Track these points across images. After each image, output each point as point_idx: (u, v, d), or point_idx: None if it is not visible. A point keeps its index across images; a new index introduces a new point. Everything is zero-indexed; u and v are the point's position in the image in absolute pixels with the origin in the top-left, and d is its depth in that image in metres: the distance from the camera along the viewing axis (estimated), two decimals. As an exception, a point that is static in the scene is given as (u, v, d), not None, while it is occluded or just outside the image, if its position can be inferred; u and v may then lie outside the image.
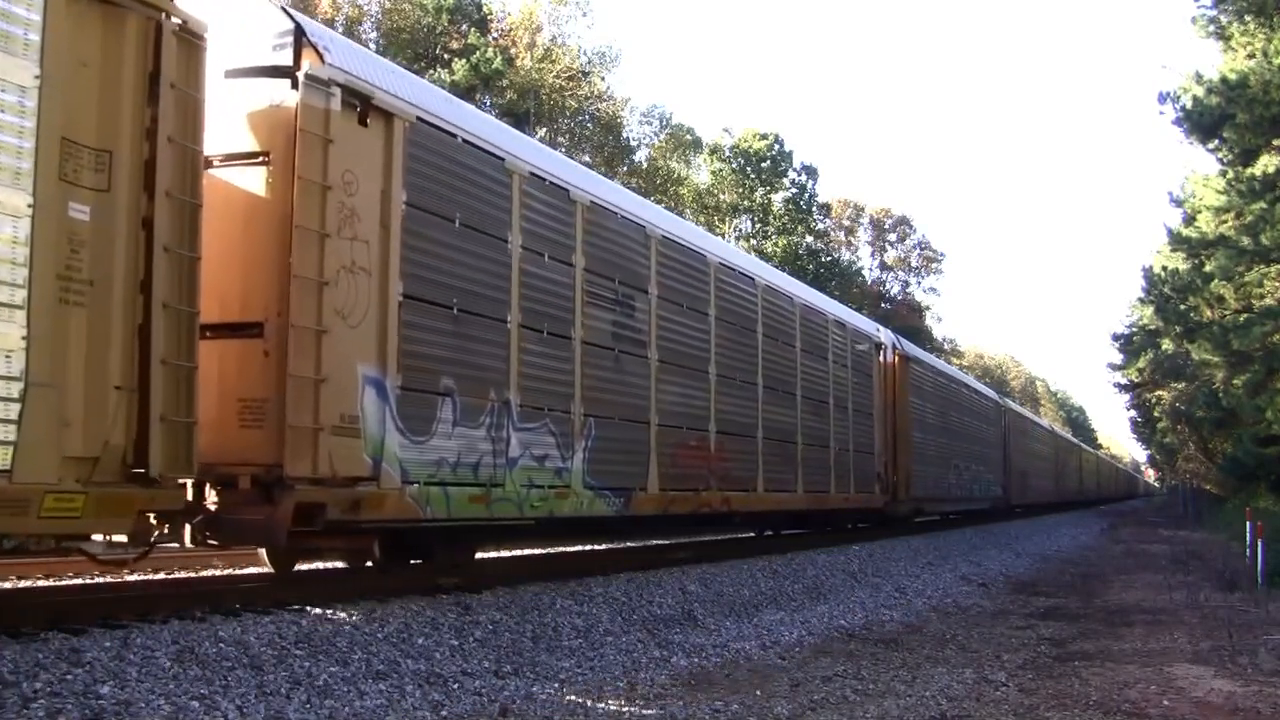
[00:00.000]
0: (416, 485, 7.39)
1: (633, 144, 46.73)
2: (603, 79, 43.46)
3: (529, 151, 9.28)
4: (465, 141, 8.13)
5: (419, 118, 7.61)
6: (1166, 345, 39.71)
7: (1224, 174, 24.34)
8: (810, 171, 53.58)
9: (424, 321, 7.59)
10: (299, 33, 6.81)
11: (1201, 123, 22.86)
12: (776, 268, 21.96)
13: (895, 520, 19.91)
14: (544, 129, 40.37)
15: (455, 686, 6.01)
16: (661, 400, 10.70)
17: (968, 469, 25.08)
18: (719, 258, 12.48)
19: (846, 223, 65.01)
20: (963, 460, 24.54)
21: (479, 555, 10.58)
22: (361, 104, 7.09)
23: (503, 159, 8.53)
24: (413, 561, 8.61)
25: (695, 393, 11.54)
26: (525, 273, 8.72)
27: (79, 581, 8.20)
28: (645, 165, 46.46)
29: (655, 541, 14.67)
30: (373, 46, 37.04)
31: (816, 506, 15.41)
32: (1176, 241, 28.51)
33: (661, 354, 10.80)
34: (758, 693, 6.48)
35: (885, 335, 19.59)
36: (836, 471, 15.87)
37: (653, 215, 11.38)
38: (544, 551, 12.79)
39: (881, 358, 18.93)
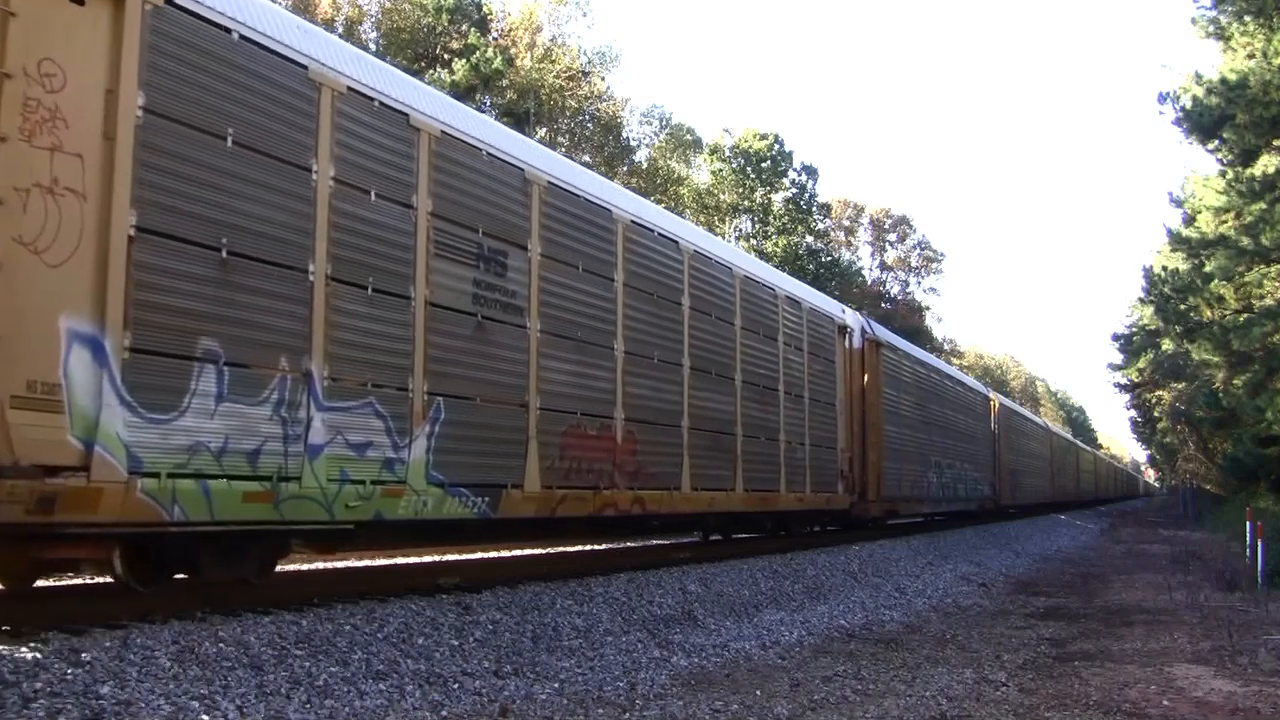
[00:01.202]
0: (155, 478, 5.72)
1: (633, 144, 46.74)
2: (603, 79, 43.45)
3: (347, 62, 7.36)
4: (244, 39, 6.45)
5: (169, 0, 5.99)
6: (1166, 345, 39.82)
7: (1224, 174, 24.39)
8: (810, 171, 53.53)
9: (171, 264, 5.92)
10: None
11: (1201, 123, 22.90)
12: (776, 267, 21.63)
13: (865, 524, 18.21)
14: (544, 129, 40.37)
15: (455, 686, 6.01)
16: (546, 379, 9.00)
17: (951, 467, 23.19)
18: (630, 215, 10.57)
19: (846, 223, 65.02)
20: (945, 457, 22.71)
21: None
22: None
23: (305, 67, 6.87)
24: (177, 577, 6.94)
25: (595, 372, 9.77)
26: (339, 212, 7.00)
27: (79, 582, 8.20)
28: (645, 165, 46.45)
29: (657, 541, 14.63)
30: (373, 47, 37.07)
31: (762, 508, 13.39)
32: (1176, 241, 28.57)
33: (545, 324, 9.04)
34: (758, 693, 6.49)
35: (852, 317, 17.62)
36: (788, 468, 13.95)
37: (535, 157, 9.33)
38: (544, 551, 12.80)
39: (847, 342, 16.94)
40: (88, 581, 8.24)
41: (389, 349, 7.41)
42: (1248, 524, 15.35)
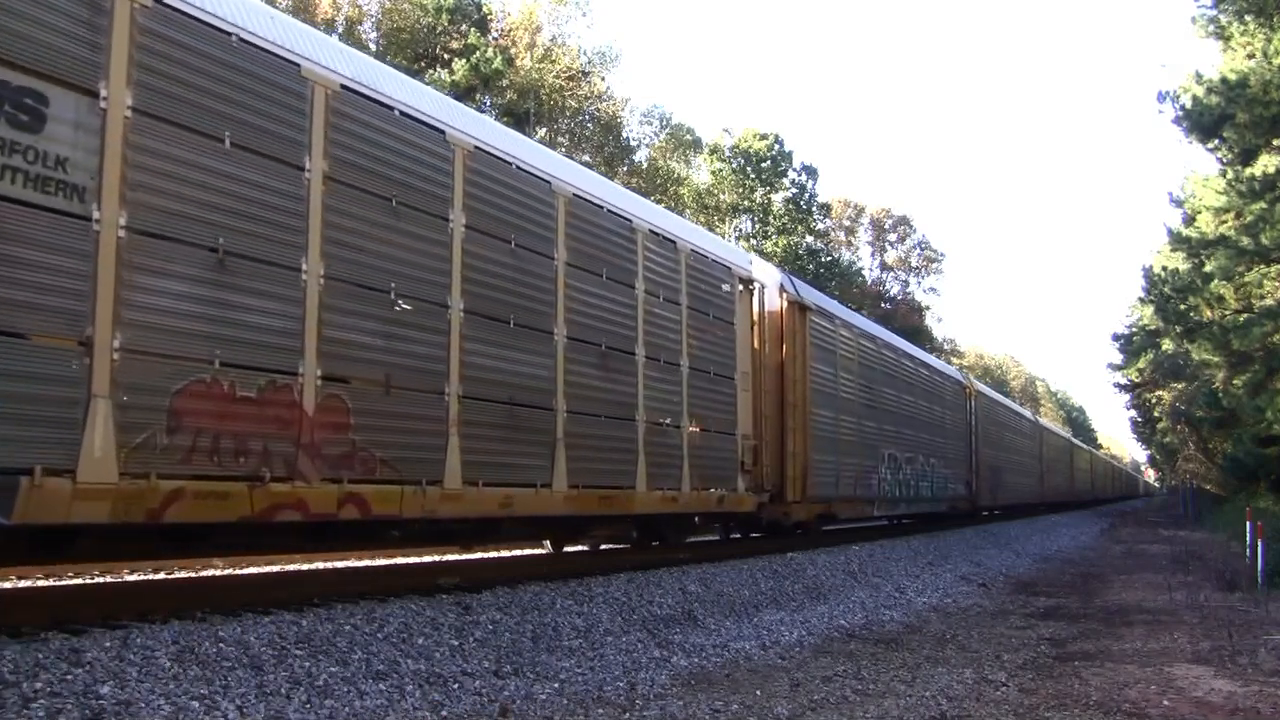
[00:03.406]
0: None
1: (633, 144, 46.78)
2: (603, 79, 43.50)
3: None
4: None
5: None
6: (1166, 345, 39.90)
7: (1224, 174, 24.43)
8: (810, 171, 53.65)
9: None
10: None
11: (1201, 123, 22.94)
12: (776, 267, 20.85)
13: (789, 531, 15.02)
14: (544, 129, 40.38)
15: (455, 686, 6.01)
16: (138, 305, 5.88)
17: (912, 462, 19.97)
18: (342, 78, 7.27)
19: (846, 223, 65.11)
20: (904, 450, 19.42)
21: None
22: None
23: None
24: None
25: (257, 303, 6.51)
26: None
27: (79, 582, 8.21)
28: (645, 165, 46.47)
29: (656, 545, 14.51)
30: (373, 47, 37.07)
31: (604, 510, 9.98)
32: (1176, 241, 28.60)
33: (138, 218, 5.90)
34: (758, 693, 6.49)
35: (764, 270, 14.20)
36: (651, 458, 10.64)
37: None
38: (544, 551, 12.80)
39: (756, 301, 13.62)
40: (87, 582, 8.26)
41: None
42: (1248, 524, 15.35)
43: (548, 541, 12.24)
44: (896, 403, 19.44)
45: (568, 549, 12.53)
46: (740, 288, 13.12)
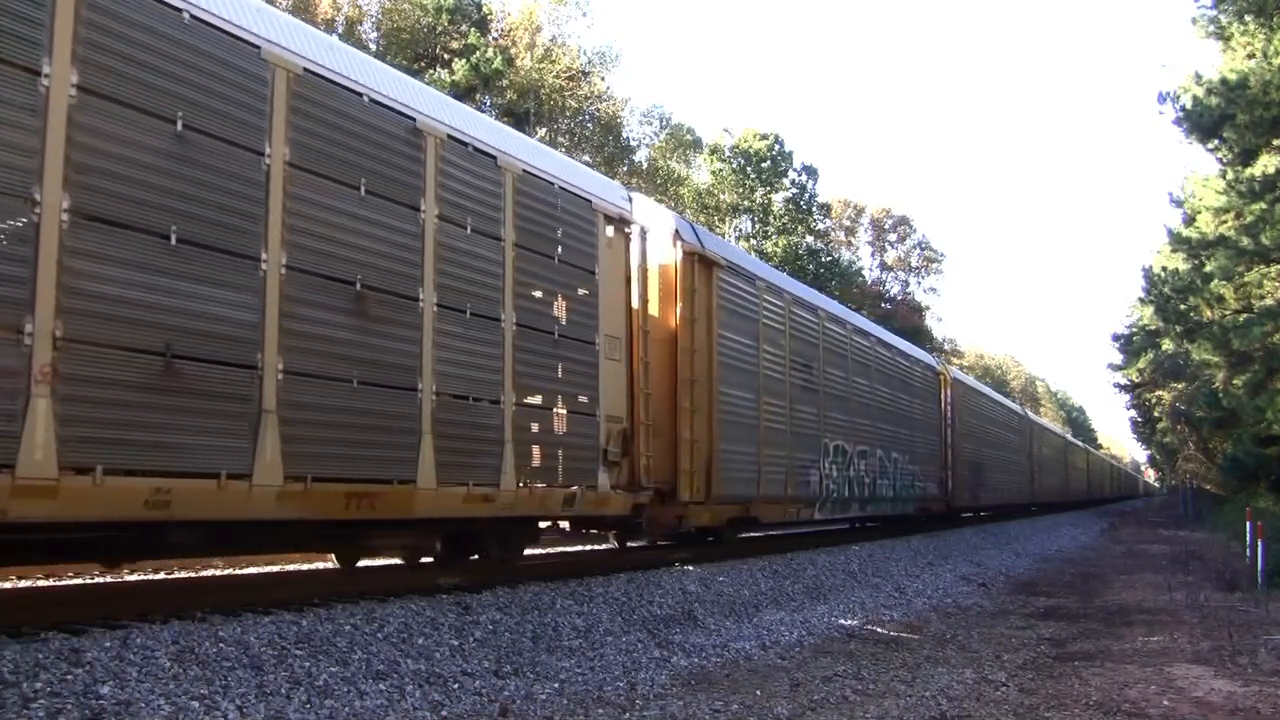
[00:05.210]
0: None
1: (633, 144, 46.77)
2: (603, 79, 43.49)
3: None
4: None
5: None
6: (1166, 345, 39.89)
7: (1224, 174, 24.44)
8: (810, 171, 53.60)
9: None
10: None
11: (1201, 123, 22.95)
12: (775, 267, 20.28)
13: (699, 538, 12.67)
14: (544, 129, 40.38)
15: (455, 686, 6.01)
16: None
17: (867, 456, 17.21)
18: None
19: (846, 223, 65.08)
20: (855, 442, 16.61)
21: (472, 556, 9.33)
22: None
23: None
24: None
25: None
26: None
27: (79, 582, 8.21)
28: (645, 165, 46.48)
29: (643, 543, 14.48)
30: (373, 47, 37.08)
31: (361, 515, 7.19)
32: (1176, 242, 28.60)
33: None
34: (758, 693, 6.49)
35: (649, 213, 11.38)
36: (447, 441, 7.87)
37: None
38: (543, 551, 12.80)
39: (636, 250, 10.73)
40: (88, 582, 8.26)
41: None
42: (1248, 524, 15.36)
43: (333, 556, 9.61)
44: (846, 386, 16.43)
45: (366, 563, 9.88)
46: (610, 230, 10.24)
